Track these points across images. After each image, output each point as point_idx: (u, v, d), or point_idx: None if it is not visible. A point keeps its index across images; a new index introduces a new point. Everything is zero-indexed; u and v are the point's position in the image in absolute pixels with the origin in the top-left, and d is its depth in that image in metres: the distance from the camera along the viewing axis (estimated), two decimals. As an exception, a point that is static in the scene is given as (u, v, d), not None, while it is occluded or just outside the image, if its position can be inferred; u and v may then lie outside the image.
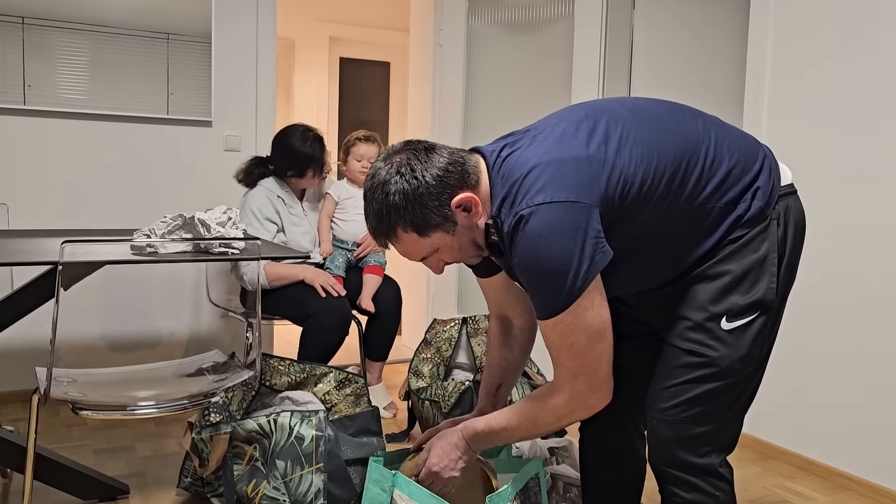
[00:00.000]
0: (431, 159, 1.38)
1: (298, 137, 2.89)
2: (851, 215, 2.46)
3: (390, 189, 1.36)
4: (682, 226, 1.36)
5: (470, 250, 1.45)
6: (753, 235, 1.36)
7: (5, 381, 3.07)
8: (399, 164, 1.38)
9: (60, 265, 1.76)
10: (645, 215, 1.33)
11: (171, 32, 3.26)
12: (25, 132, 3.07)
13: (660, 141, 1.35)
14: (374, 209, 1.40)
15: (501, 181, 1.37)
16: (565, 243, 1.26)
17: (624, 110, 1.39)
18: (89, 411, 1.85)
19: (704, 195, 1.35)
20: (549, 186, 1.28)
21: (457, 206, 1.38)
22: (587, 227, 1.26)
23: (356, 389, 2.25)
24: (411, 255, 1.45)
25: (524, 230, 1.28)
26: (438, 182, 1.36)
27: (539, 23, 3.70)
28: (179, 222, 2.07)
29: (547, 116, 1.46)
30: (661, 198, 1.33)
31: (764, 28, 2.71)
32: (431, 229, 1.39)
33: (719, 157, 1.37)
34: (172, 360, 2.31)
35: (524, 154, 1.36)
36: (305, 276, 2.78)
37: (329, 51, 5.57)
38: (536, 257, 1.27)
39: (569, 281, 1.26)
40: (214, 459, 2.02)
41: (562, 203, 1.27)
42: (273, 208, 2.85)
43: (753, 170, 1.38)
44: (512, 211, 1.32)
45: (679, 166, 1.34)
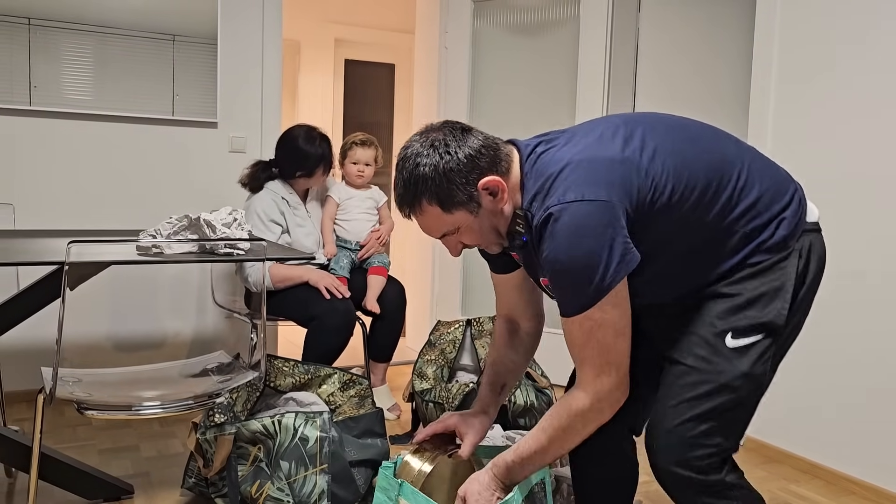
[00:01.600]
0: (466, 139, 1.41)
1: (304, 138, 2.89)
2: (856, 216, 2.46)
3: (421, 161, 1.40)
4: (704, 243, 1.37)
5: (490, 236, 1.47)
6: (773, 262, 1.37)
7: (11, 380, 3.08)
8: (434, 139, 1.41)
9: (66, 265, 1.77)
10: (670, 226, 1.34)
11: (176, 34, 3.27)
12: (31, 133, 3.08)
13: (694, 156, 1.36)
14: (402, 178, 1.42)
15: (534, 176, 1.39)
16: (595, 240, 1.27)
17: (661, 124, 1.41)
18: (94, 411, 1.85)
19: (731, 217, 1.36)
20: (582, 184, 1.30)
21: (483, 187, 1.40)
22: (617, 226, 1.28)
23: (360, 391, 2.25)
24: (432, 231, 1.46)
25: (554, 226, 1.30)
26: (469, 161, 1.39)
27: (544, 25, 3.70)
28: (185, 223, 2.08)
29: (585, 122, 1.48)
30: (689, 211, 1.34)
31: (770, 30, 2.71)
32: (455, 206, 1.40)
33: (751, 182, 1.38)
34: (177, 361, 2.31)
35: (559, 152, 1.38)
36: (310, 277, 2.79)
37: (334, 52, 5.58)
38: (566, 253, 1.28)
39: (597, 277, 1.28)
40: (219, 460, 2.02)
41: (593, 201, 1.28)
42: (278, 210, 2.86)
43: (783, 201, 1.39)
44: (543, 205, 1.33)
45: (710, 183, 1.35)
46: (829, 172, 2.54)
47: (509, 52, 3.82)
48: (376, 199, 3.14)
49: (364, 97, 5.84)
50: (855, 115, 2.46)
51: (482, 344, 2.74)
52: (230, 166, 3.43)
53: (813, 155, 2.59)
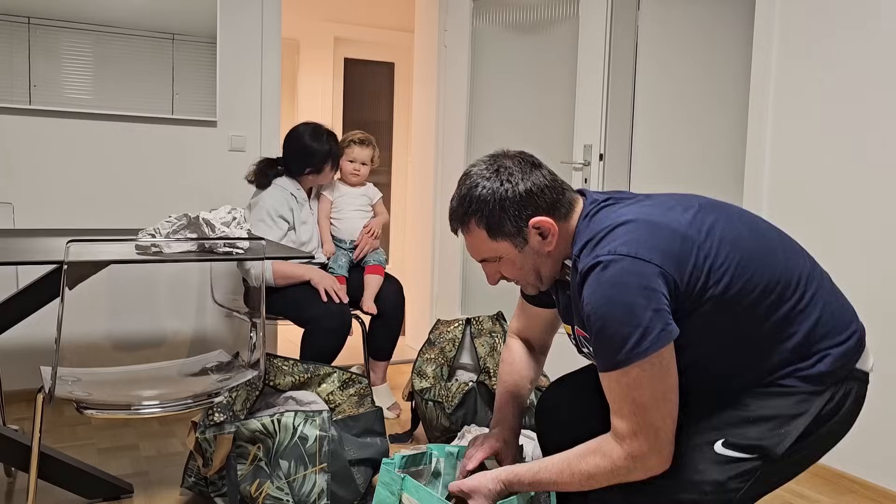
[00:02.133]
0: (532, 174, 1.41)
1: (311, 136, 2.90)
2: (858, 214, 2.46)
3: (481, 183, 1.40)
4: (741, 354, 1.34)
5: (529, 276, 1.46)
6: (800, 391, 1.32)
7: (10, 380, 3.07)
8: (501, 165, 1.41)
9: (66, 264, 1.76)
10: (713, 321, 1.31)
11: (176, 32, 3.27)
12: (31, 132, 3.08)
13: (761, 261, 1.33)
14: (459, 193, 1.43)
15: (592, 224, 1.38)
16: (640, 300, 1.24)
17: (738, 218, 1.38)
18: (94, 410, 1.85)
19: (780, 335, 1.33)
20: (637, 243, 1.28)
21: (534, 225, 1.39)
22: (661, 294, 1.25)
23: (360, 390, 2.25)
24: (474, 252, 1.47)
25: (600, 274, 1.27)
26: (527, 195, 1.39)
27: (544, 23, 3.70)
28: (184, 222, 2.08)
29: (662, 193, 1.46)
30: (739, 313, 1.31)
31: (769, 27, 2.71)
32: (502, 236, 1.40)
33: (812, 306, 1.34)
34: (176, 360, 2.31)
35: (624, 209, 1.37)
36: (312, 276, 2.79)
37: (334, 51, 5.58)
38: (606, 305, 1.26)
39: (634, 339, 1.24)
40: (218, 459, 2.02)
41: (645, 262, 1.26)
42: (287, 206, 2.86)
43: (836, 337, 1.35)
44: (593, 253, 1.31)
45: (770, 294, 1.32)
46: (830, 167, 2.53)
47: (509, 50, 3.82)
48: (370, 195, 3.13)
49: (363, 96, 5.84)
50: (857, 108, 2.46)
51: (482, 343, 2.74)
52: (229, 165, 3.43)
53: (814, 151, 2.59)
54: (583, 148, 3.51)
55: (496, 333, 2.76)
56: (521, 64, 3.78)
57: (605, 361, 1.29)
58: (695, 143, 3.43)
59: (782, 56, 2.68)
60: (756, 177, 2.75)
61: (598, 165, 3.47)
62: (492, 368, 2.63)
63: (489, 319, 2.81)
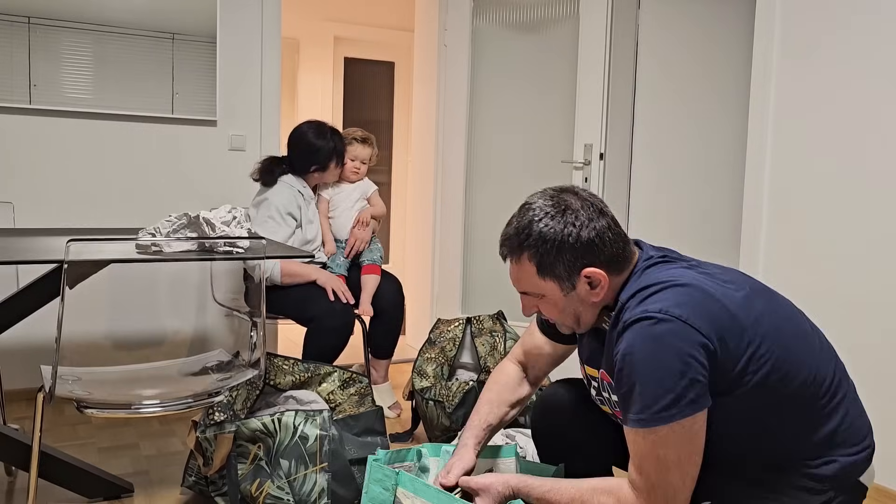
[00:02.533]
0: (598, 221, 1.38)
1: (315, 133, 2.90)
2: (859, 213, 2.46)
3: (544, 219, 1.37)
4: (761, 441, 1.34)
5: (567, 319, 1.44)
6: (802, 487, 1.34)
7: (11, 379, 3.08)
8: (569, 204, 1.38)
9: (66, 264, 1.76)
10: (744, 406, 1.31)
11: (176, 32, 3.27)
12: (31, 131, 3.08)
13: (801, 358, 1.33)
14: (517, 222, 1.41)
15: (645, 277, 1.37)
16: (679, 366, 1.23)
17: (781, 308, 1.38)
18: (94, 409, 1.85)
19: (800, 431, 1.33)
20: (690, 309, 1.27)
21: (586, 275, 1.37)
22: (702, 366, 1.25)
23: (360, 389, 2.25)
24: (516, 283, 1.44)
25: (646, 329, 1.26)
26: (588, 244, 1.36)
27: (544, 22, 3.69)
28: (184, 221, 2.07)
29: (721, 265, 1.46)
30: (769, 405, 1.31)
31: (770, 25, 2.71)
32: (551, 277, 1.39)
33: (836, 411, 1.35)
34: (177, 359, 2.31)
35: (680, 270, 1.36)
36: (318, 277, 2.79)
37: (334, 50, 5.58)
38: (645, 362, 1.25)
39: (666, 401, 1.24)
40: (218, 458, 2.02)
41: (694, 330, 1.25)
42: (295, 203, 2.86)
43: (851, 448, 1.36)
44: (642, 306, 1.30)
45: (804, 391, 1.32)
46: (830, 167, 2.53)
47: (509, 49, 3.82)
48: (364, 189, 3.13)
49: (363, 95, 5.84)
50: (857, 108, 2.46)
51: (482, 342, 2.74)
52: (230, 164, 3.43)
53: (814, 149, 2.58)
54: (583, 147, 3.51)
55: (497, 333, 2.76)
56: (522, 63, 3.78)
57: (633, 416, 1.28)
58: (695, 142, 3.43)
59: (783, 55, 2.68)
60: (756, 176, 2.74)
61: (598, 165, 3.47)
62: (492, 368, 2.63)
63: (490, 319, 2.81)
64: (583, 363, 1.57)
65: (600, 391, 1.51)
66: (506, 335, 2.75)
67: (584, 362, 1.56)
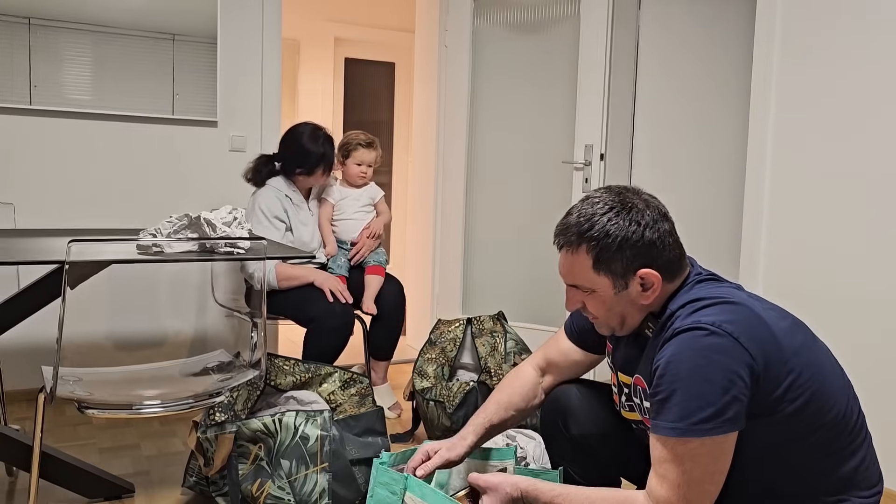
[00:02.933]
0: (661, 225, 1.38)
1: (309, 136, 2.90)
2: (860, 213, 2.46)
3: (609, 214, 1.36)
4: (783, 469, 1.34)
5: (613, 319, 1.43)
6: None
7: (12, 379, 3.08)
8: (634, 205, 1.37)
9: (67, 264, 1.77)
10: (776, 432, 1.31)
11: (176, 33, 3.27)
12: (31, 132, 3.08)
13: (834, 394, 1.33)
14: (580, 213, 1.39)
15: (695, 291, 1.37)
16: (723, 382, 1.23)
17: (818, 344, 1.39)
18: (95, 410, 1.85)
19: (823, 465, 1.33)
20: (741, 327, 1.27)
21: (641, 276, 1.36)
22: (746, 385, 1.25)
23: (361, 389, 2.25)
24: (567, 275, 1.43)
25: (696, 340, 1.26)
26: (649, 245, 1.36)
27: (544, 23, 3.70)
28: (185, 222, 2.08)
29: (753, 293, 1.46)
30: (799, 436, 1.31)
31: (771, 24, 2.71)
32: (606, 272, 1.37)
33: (857, 452, 1.36)
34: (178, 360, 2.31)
35: (735, 292, 1.36)
36: (316, 278, 2.79)
37: (334, 51, 5.58)
38: (691, 371, 1.24)
39: (705, 414, 1.23)
40: (219, 459, 2.02)
41: (743, 348, 1.25)
42: (281, 207, 2.86)
43: (865, 491, 1.37)
44: (694, 317, 1.30)
45: (833, 427, 1.33)
46: (831, 166, 2.53)
47: (509, 50, 3.82)
48: (372, 195, 3.13)
49: (364, 96, 5.84)
50: (859, 107, 2.46)
51: (482, 343, 2.74)
52: (230, 165, 3.43)
53: (814, 148, 2.58)
54: (584, 148, 3.51)
55: (497, 333, 2.76)
56: (522, 63, 3.78)
57: (667, 424, 1.27)
58: (696, 142, 3.43)
59: (784, 54, 2.68)
60: (757, 175, 2.75)
61: (598, 165, 3.47)
62: (493, 368, 2.63)
63: (490, 319, 2.81)
64: (616, 370, 1.55)
65: (631, 396, 1.49)
66: (506, 336, 2.75)
67: (617, 369, 1.54)
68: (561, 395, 1.69)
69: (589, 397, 1.67)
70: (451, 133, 4.01)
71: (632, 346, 1.49)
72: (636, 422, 1.53)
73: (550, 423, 1.70)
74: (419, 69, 4.25)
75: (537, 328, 3.70)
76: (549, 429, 1.71)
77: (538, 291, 3.78)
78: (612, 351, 1.58)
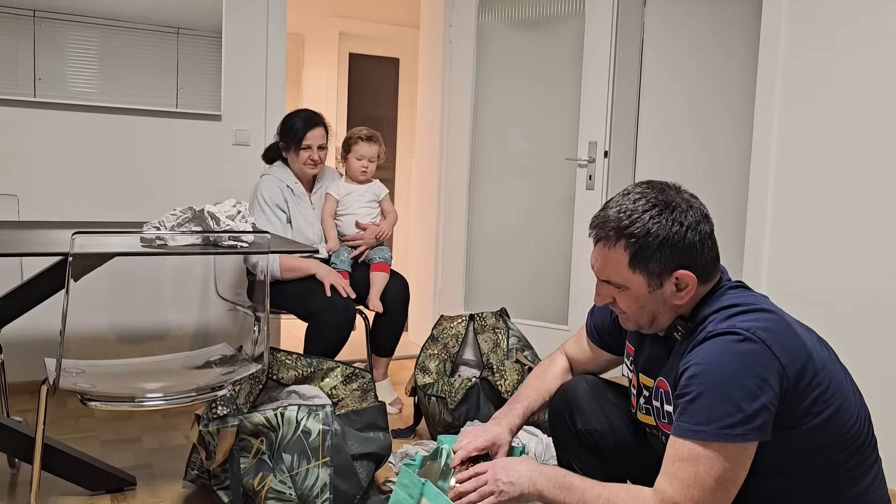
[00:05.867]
0: (703, 227, 1.36)
1: (295, 114, 2.93)
2: (862, 213, 2.45)
3: (653, 213, 1.34)
4: (798, 485, 1.33)
5: (643, 317, 1.41)
6: None
7: (15, 371, 3.08)
8: (677, 204, 1.35)
9: (71, 256, 1.77)
10: (798, 445, 1.30)
11: (181, 26, 3.27)
12: (35, 124, 3.08)
13: (854, 411, 1.33)
14: (623, 207, 1.36)
15: (727, 297, 1.36)
16: (755, 388, 1.22)
17: (839, 363, 1.38)
18: (97, 402, 1.85)
19: (837, 482, 1.33)
20: (775, 336, 1.26)
21: (677, 277, 1.35)
22: (776, 394, 1.24)
23: (363, 384, 2.25)
24: (601, 271, 1.40)
25: (731, 344, 1.25)
26: (689, 247, 1.34)
27: (549, 20, 3.69)
28: (189, 215, 2.08)
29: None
30: (819, 450, 1.31)
31: (776, 24, 2.70)
32: (641, 270, 1.35)
33: (870, 471, 1.36)
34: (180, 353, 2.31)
35: (766, 301, 1.35)
36: (318, 271, 2.79)
37: (339, 46, 5.57)
38: (724, 375, 1.23)
39: (734, 419, 1.22)
40: (221, 452, 2.02)
41: (775, 357, 1.24)
42: (282, 196, 2.86)
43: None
44: (730, 321, 1.29)
45: (852, 443, 1.33)
46: (836, 167, 2.53)
47: (514, 46, 3.81)
48: (377, 192, 3.12)
49: (368, 91, 5.84)
50: (863, 108, 2.45)
51: (485, 339, 2.74)
52: (234, 159, 3.43)
53: (819, 150, 2.58)
54: (588, 145, 3.51)
55: (499, 329, 2.76)
56: (527, 60, 3.78)
57: (692, 426, 1.25)
58: (700, 140, 3.43)
59: (789, 54, 2.67)
60: (761, 175, 2.74)
61: (602, 162, 3.47)
62: (495, 364, 2.63)
63: (492, 315, 2.81)
64: (637, 372, 1.54)
65: (651, 399, 1.48)
66: (508, 332, 2.75)
67: (639, 371, 1.53)
68: (569, 389, 1.69)
69: (597, 393, 1.67)
70: (455, 129, 4.00)
71: (657, 348, 1.48)
72: (650, 426, 1.52)
73: (557, 415, 1.70)
74: (423, 65, 4.25)
75: (540, 325, 3.70)
76: (556, 422, 1.71)
77: (541, 288, 3.78)
78: (633, 354, 1.57)
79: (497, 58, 3.87)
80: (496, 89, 3.88)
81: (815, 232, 2.58)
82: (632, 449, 1.64)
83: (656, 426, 1.48)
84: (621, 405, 1.66)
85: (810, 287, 2.60)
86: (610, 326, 1.67)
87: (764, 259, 2.73)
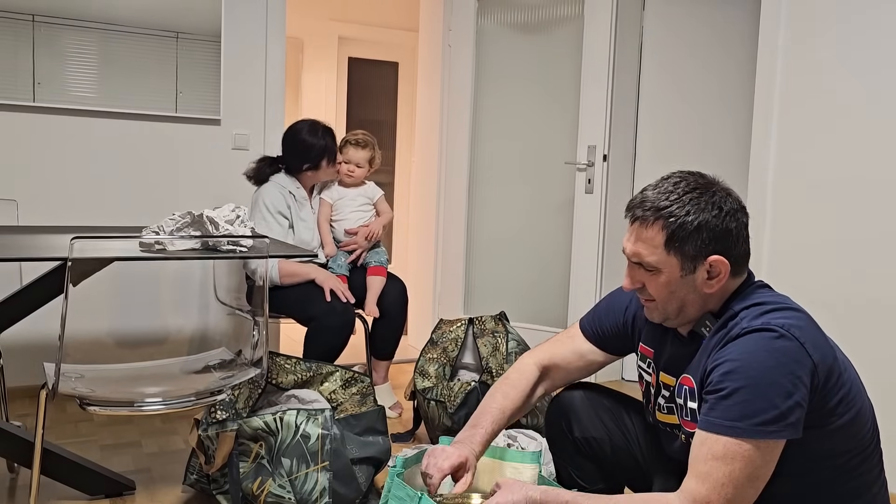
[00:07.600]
0: (741, 217, 1.36)
1: (307, 131, 2.91)
2: (863, 214, 2.45)
3: (693, 195, 1.33)
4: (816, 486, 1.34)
5: (670, 304, 1.38)
6: None
7: (14, 376, 3.08)
8: (717, 192, 1.35)
9: (70, 261, 1.77)
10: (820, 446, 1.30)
11: (180, 31, 3.27)
12: (34, 129, 3.08)
13: (870, 415, 1.34)
14: (662, 188, 1.35)
15: (757, 295, 1.35)
16: (789, 386, 1.22)
17: (855, 369, 1.39)
18: (97, 407, 1.85)
19: (853, 484, 1.34)
20: (808, 335, 1.26)
21: (711, 263, 1.33)
22: (808, 391, 1.24)
23: (362, 388, 2.25)
24: (634, 253, 1.38)
25: (768, 341, 1.25)
26: (725, 233, 1.33)
27: (548, 23, 3.70)
28: (188, 220, 2.08)
29: None
30: (841, 451, 1.31)
31: (775, 26, 2.70)
32: (676, 253, 1.33)
33: (879, 476, 1.37)
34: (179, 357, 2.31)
35: (794, 302, 1.35)
36: (317, 276, 2.79)
37: (338, 50, 5.58)
38: (760, 371, 1.23)
39: (769, 415, 1.22)
40: (220, 457, 2.02)
41: (808, 355, 1.25)
42: (285, 202, 2.86)
43: None
44: (764, 318, 1.29)
45: (867, 446, 1.33)
46: (835, 169, 2.53)
47: (513, 50, 3.82)
48: (369, 195, 3.11)
49: (367, 95, 5.84)
50: (862, 110, 2.45)
51: (484, 343, 2.74)
52: (233, 163, 3.43)
53: (818, 153, 2.58)
54: (587, 148, 3.51)
55: (499, 333, 2.76)
56: (526, 64, 3.78)
57: (725, 422, 1.24)
58: (699, 143, 3.43)
59: (788, 56, 2.68)
60: (760, 178, 2.74)
61: (601, 166, 3.47)
62: (494, 368, 2.63)
63: (492, 319, 2.81)
64: (657, 372, 1.52)
65: (673, 397, 1.46)
66: (508, 336, 2.75)
67: (659, 370, 1.51)
68: (565, 398, 1.68)
69: (593, 401, 1.66)
70: (454, 132, 4.00)
71: (682, 345, 1.46)
72: (670, 425, 1.50)
73: (554, 424, 1.69)
74: (423, 68, 4.25)
75: (539, 329, 3.70)
76: (552, 430, 1.70)
77: (540, 292, 3.78)
78: (653, 355, 1.54)
79: (496, 61, 3.88)
80: (495, 93, 3.89)
81: (815, 233, 2.58)
82: (630, 455, 1.63)
83: (678, 425, 1.47)
84: (617, 412, 1.65)
85: (810, 288, 2.60)
86: (621, 329, 1.62)
87: (763, 260, 2.73)
